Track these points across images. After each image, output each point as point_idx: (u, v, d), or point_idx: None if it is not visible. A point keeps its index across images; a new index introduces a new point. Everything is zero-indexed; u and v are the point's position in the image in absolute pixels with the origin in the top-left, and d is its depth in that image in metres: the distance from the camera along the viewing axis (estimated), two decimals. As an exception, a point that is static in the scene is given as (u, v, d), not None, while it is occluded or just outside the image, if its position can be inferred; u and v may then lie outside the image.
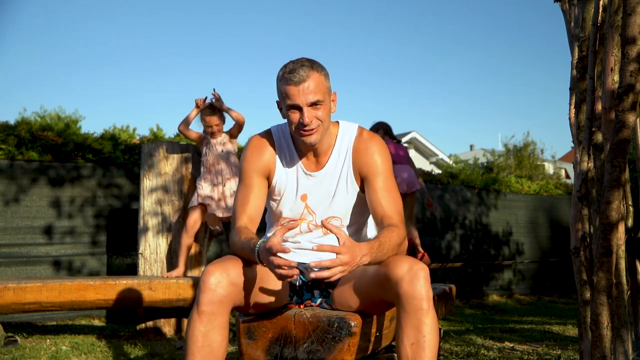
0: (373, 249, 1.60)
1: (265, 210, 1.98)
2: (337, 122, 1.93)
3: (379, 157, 1.86)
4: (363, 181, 1.87)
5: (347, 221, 1.91)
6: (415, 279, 1.57)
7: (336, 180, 1.87)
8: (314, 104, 1.74)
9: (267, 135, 1.92)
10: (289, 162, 1.89)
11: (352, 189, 1.88)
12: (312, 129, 1.76)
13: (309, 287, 1.91)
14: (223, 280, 1.62)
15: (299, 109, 1.74)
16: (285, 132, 1.92)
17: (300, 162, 1.89)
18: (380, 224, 1.80)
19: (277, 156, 1.89)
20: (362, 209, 1.93)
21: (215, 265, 1.65)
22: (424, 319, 1.56)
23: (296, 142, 1.90)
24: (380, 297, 1.72)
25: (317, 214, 1.88)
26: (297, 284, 1.90)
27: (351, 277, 1.79)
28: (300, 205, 1.89)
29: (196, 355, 1.61)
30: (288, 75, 1.72)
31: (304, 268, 1.91)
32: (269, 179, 1.90)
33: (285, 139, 1.91)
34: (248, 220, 1.84)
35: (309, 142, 1.80)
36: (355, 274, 1.78)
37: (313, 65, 1.75)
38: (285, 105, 1.77)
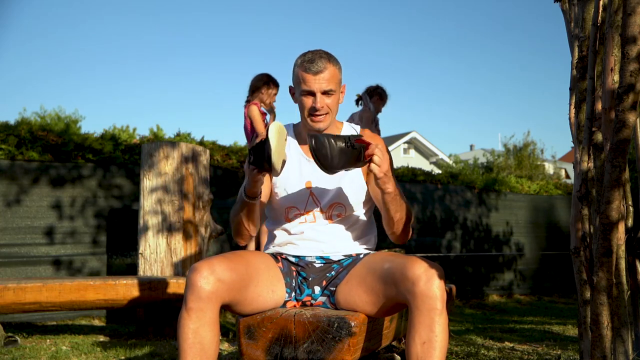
0: (396, 185, 1.79)
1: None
2: (342, 122, 2.05)
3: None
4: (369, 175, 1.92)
5: (350, 211, 1.95)
6: (432, 279, 1.61)
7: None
8: (326, 92, 1.88)
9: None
10: (291, 153, 1.97)
11: (358, 180, 1.94)
12: (322, 115, 1.90)
13: (309, 282, 1.91)
14: (209, 276, 1.65)
15: (313, 94, 1.88)
16: (287, 126, 2.02)
17: (300, 148, 1.98)
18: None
19: None
20: (366, 202, 1.98)
21: (201, 263, 1.69)
22: (436, 319, 1.60)
23: (298, 134, 2.00)
24: (391, 296, 1.73)
25: (322, 203, 1.93)
26: (298, 280, 1.91)
27: (359, 275, 1.81)
28: (305, 193, 1.93)
29: (188, 353, 1.63)
30: (307, 64, 1.87)
31: (304, 264, 1.92)
32: None
33: (287, 131, 1.97)
34: None
35: (317, 128, 1.91)
36: (362, 273, 1.81)
37: (330, 58, 1.91)
38: (300, 90, 1.90)
